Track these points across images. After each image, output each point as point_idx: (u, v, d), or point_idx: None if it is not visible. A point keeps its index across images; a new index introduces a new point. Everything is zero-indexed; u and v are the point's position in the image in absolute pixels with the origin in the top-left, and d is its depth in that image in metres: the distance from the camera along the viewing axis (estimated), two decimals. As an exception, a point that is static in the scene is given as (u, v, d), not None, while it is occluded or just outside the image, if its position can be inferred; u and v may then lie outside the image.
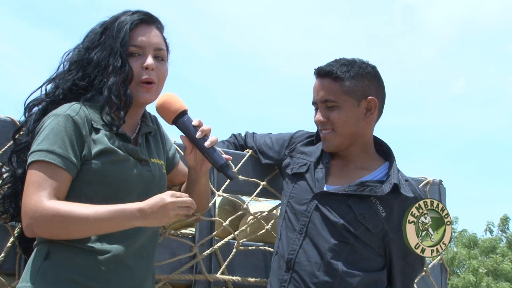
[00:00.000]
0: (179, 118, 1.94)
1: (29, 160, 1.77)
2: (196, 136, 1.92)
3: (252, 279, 2.41)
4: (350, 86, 2.24)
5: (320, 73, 2.27)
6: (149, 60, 1.90)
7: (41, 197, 1.71)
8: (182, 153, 2.36)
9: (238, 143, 2.61)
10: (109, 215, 1.70)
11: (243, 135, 2.63)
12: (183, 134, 1.95)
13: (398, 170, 2.28)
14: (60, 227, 1.70)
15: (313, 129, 2.41)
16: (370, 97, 2.26)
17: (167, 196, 1.72)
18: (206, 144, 1.92)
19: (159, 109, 1.95)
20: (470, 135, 32.58)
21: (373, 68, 2.32)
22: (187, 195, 1.77)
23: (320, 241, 2.16)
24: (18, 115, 2.08)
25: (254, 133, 2.62)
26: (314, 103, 2.30)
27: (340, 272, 2.12)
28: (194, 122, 1.94)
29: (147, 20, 1.95)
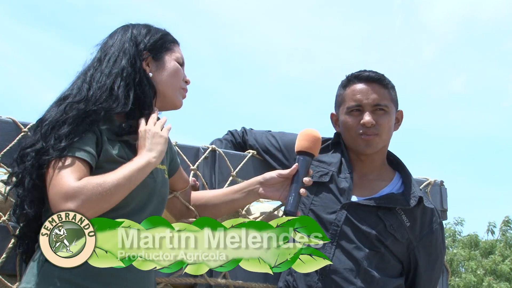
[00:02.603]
0: (306, 154, 2.06)
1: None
2: (305, 179, 2.03)
3: (254, 284, 2.41)
4: (393, 95, 2.37)
5: (370, 78, 2.34)
6: (187, 76, 2.06)
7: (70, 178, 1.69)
8: (184, 157, 2.38)
9: (236, 140, 2.59)
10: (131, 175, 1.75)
11: (239, 131, 2.62)
12: (298, 167, 2.05)
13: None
14: (101, 197, 1.69)
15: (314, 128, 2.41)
16: (400, 109, 2.41)
17: (154, 128, 1.86)
18: (301, 191, 2.02)
19: (317, 139, 2.08)
20: (470, 134, 32.61)
21: None
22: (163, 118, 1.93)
23: (354, 250, 2.21)
24: (19, 116, 2.09)
25: (251, 129, 2.60)
26: (356, 106, 2.33)
27: (377, 279, 2.19)
28: (310, 172, 2.07)
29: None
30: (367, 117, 2.29)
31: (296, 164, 2.07)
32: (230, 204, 2.21)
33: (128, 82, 1.88)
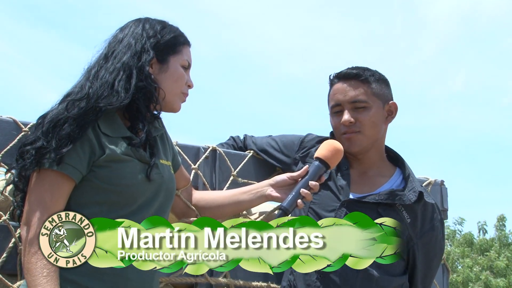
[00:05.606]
0: (321, 161, 2.08)
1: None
2: (310, 183, 2.04)
3: (254, 283, 2.41)
4: (377, 89, 2.30)
5: (347, 76, 2.31)
6: (191, 80, 2.02)
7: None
8: (185, 156, 2.38)
9: (237, 145, 2.62)
10: None
11: (241, 137, 2.64)
12: (308, 169, 2.08)
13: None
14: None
15: (314, 130, 2.43)
16: (391, 101, 2.34)
17: None
18: (304, 192, 2.03)
19: (337, 151, 2.09)
20: (470, 133, 32.60)
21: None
22: None
23: None
24: (19, 116, 2.09)
25: (252, 136, 2.62)
26: (336, 105, 2.32)
27: (375, 278, 2.17)
28: (322, 179, 2.08)
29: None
30: (345, 116, 2.28)
31: (307, 166, 2.09)
32: (236, 205, 2.20)
33: (129, 74, 1.84)
